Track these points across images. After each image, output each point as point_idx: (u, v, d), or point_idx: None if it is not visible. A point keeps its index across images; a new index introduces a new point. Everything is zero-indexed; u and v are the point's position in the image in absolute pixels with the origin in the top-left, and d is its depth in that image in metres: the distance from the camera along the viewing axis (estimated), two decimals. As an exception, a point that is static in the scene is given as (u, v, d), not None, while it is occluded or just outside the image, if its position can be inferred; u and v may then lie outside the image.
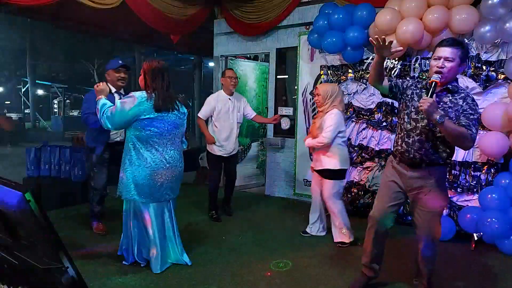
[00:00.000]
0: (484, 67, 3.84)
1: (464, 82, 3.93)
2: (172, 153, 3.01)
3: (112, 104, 2.94)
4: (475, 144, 3.83)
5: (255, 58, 6.65)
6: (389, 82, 2.52)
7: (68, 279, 1.04)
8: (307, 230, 3.99)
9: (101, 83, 3.10)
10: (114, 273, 2.99)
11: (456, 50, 2.27)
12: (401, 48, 2.36)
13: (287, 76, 5.92)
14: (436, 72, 2.28)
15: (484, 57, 3.84)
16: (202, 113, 4.36)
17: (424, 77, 4.22)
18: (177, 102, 3.07)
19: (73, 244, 3.48)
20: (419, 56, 4.21)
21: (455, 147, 2.37)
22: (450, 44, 2.30)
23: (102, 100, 2.96)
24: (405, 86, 2.52)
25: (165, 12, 5.34)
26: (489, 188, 3.70)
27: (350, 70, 4.72)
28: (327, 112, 3.65)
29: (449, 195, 4.00)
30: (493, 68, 3.81)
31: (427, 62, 4.16)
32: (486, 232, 3.50)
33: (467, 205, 3.87)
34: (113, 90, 3.76)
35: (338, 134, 3.61)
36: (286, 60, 5.78)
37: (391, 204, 2.59)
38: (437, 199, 2.44)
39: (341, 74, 4.78)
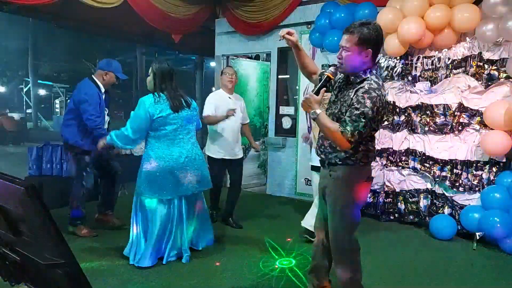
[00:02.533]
0: (486, 66, 3.84)
1: (466, 81, 3.92)
2: (189, 147, 3.17)
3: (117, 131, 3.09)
4: (478, 143, 3.83)
5: (257, 57, 6.65)
6: (319, 76, 2.34)
7: (69, 274, 1.04)
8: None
9: (100, 145, 3.22)
10: (116, 270, 2.99)
11: (351, 37, 2.03)
12: (293, 31, 2.26)
13: (288, 76, 5.92)
14: (335, 64, 2.15)
15: (486, 55, 3.84)
16: (207, 112, 4.04)
17: (425, 75, 4.21)
18: (188, 99, 3.22)
19: (74, 241, 3.48)
20: (420, 55, 4.21)
21: (361, 146, 2.10)
22: (345, 31, 2.06)
23: (107, 138, 3.12)
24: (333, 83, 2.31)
25: (166, 11, 5.34)
26: (491, 187, 3.70)
27: (351, 69, 4.71)
28: None
29: (451, 194, 4.01)
30: (495, 67, 3.80)
31: (428, 61, 4.15)
32: (488, 231, 3.49)
33: (469, 204, 3.86)
34: (102, 89, 3.71)
35: None
36: (287, 59, 5.78)
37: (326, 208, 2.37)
38: (334, 202, 2.20)
39: (343, 73, 4.77)
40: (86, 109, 3.51)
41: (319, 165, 2.40)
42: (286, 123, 5.69)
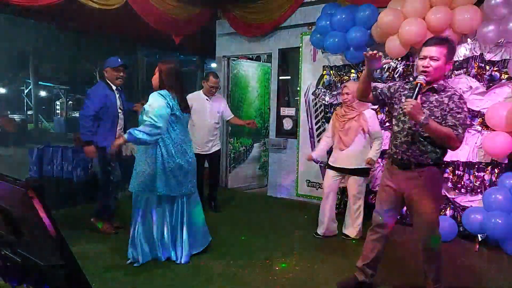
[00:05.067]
0: (487, 67, 3.83)
1: (468, 82, 3.92)
2: (191, 149, 3.23)
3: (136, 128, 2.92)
4: (480, 144, 3.83)
5: (258, 58, 6.66)
6: (374, 92, 2.56)
7: (70, 276, 1.04)
8: (318, 231, 3.93)
9: (116, 144, 3.01)
10: (117, 271, 2.99)
11: (442, 48, 2.27)
12: (390, 60, 2.43)
13: (289, 77, 5.92)
14: (422, 72, 2.30)
15: (487, 57, 3.83)
16: None
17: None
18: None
19: (75, 243, 3.48)
20: (422, 56, 4.20)
21: (445, 148, 2.37)
22: (435, 43, 2.30)
23: (127, 137, 2.89)
24: (392, 91, 2.55)
25: (167, 13, 5.34)
26: (493, 188, 3.68)
27: (352, 70, 4.71)
28: (360, 113, 3.68)
29: (453, 196, 3.99)
30: (496, 68, 3.79)
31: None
32: (490, 233, 3.47)
33: (471, 205, 3.85)
34: (114, 87, 3.83)
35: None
36: (288, 60, 5.78)
37: (390, 208, 2.60)
38: (427, 201, 2.41)
39: (344, 74, 4.77)
40: (85, 103, 3.79)
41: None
42: (287, 124, 5.69)
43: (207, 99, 4.56)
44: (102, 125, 3.73)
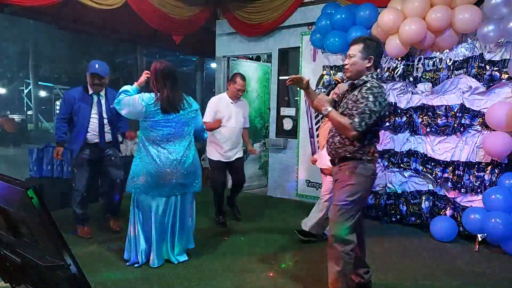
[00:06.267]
0: (487, 67, 3.82)
1: (468, 82, 3.92)
2: (179, 149, 3.09)
3: (131, 94, 3.04)
4: (480, 144, 3.83)
5: (257, 58, 6.65)
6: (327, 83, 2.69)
7: (70, 276, 1.04)
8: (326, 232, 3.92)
9: (145, 74, 3.16)
10: (116, 271, 2.99)
11: (357, 46, 2.41)
12: (308, 78, 2.60)
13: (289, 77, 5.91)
14: (345, 69, 2.46)
15: (487, 56, 3.83)
16: (205, 118, 4.04)
17: (427, 76, 4.21)
18: (187, 100, 3.15)
19: (74, 243, 3.48)
20: (422, 56, 4.20)
21: (366, 140, 2.36)
22: (352, 43, 2.46)
23: (131, 86, 3.11)
24: (341, 96, 2.65)
25: (167, 12, 5.34)
26: (493, 188, 3.68)
27: (352, 70, 4.71)
28: None
29: (453, 196, 3.99)
30: (496, 68, 3.78)
31: (430, 62, 4.15)
32: (490, 233, 3.47)
33: (471, 205, 3.85)
34: (90, 91, 3.72)
35: None
36: (288, 60, 5.78)
37: None
38: (340, 193, 2.42)
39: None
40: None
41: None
42: (287, 124, 5.68)
43: (232, 103, 4.17)
44: (72, 129, 3.73)
